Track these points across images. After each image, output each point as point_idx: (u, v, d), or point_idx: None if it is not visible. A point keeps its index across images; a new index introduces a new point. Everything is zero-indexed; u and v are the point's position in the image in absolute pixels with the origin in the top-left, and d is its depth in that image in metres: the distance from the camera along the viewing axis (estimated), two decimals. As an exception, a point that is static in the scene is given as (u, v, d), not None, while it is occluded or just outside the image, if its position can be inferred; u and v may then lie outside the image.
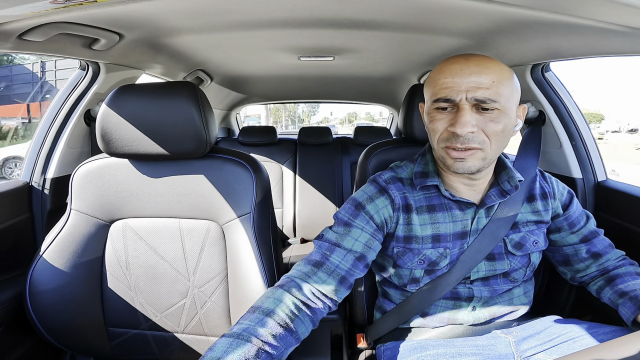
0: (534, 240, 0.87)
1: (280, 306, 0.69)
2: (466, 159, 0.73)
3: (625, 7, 0.64)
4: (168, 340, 0.98)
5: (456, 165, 0.74)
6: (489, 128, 0.72)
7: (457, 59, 0.74)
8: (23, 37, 0.90)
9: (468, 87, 0.70)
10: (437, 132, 0.75)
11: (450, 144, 0.73)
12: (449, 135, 0.73)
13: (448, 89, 0.72)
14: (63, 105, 1.30)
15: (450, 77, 0.72)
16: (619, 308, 0.80)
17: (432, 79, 0.76)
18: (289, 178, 2.40)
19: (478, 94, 0.70)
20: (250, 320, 0.65)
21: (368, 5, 0.98)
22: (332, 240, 0.81)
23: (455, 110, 0.72)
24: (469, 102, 0.71)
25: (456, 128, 0.71)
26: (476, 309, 0.88)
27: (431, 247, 0.84)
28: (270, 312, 0.67)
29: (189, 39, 1.33)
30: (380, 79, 2.29)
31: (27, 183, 1.25)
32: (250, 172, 0.94)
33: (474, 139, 0.72)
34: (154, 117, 0.89)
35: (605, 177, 1.26)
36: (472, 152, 0.73)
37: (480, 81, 0.70)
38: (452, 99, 0.71)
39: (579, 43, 0.92)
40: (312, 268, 0.77)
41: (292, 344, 0.67)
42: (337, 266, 0.78)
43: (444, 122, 0.74)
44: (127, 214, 0.97)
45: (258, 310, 0.67)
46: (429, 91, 0.77)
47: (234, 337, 0.61)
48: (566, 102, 1.27)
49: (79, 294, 0.96)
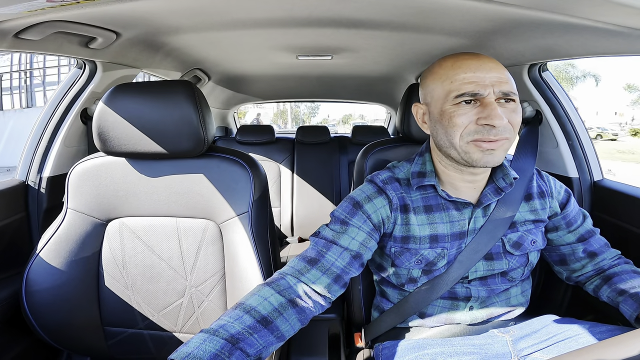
0: (532, 239, 0.87)
1: (262, 303, 0.68)
2: (496, 150, 0.74)
3: (622, 7, 0.64)
4: (165, 339, 0.98)
5: (486, 159, 0.74)
6: (513, 119, 0.74)
7: (464, 56, 0.75)
8: (19, 35, 0.90)
9: (493, 82, 0.72)
10: (461, 127, 0.74)
11: (482, 137, 0.72)
12: (477, 128, 0.73)
13: (473, 84, 0.72)
14: (59, 103, 1.29)
15: (472, 72, 0.72)
16: (619, 306, 0.80)
17: (446, 75, 0.75)
18: (286, 177, 2.39)
19: (503, 87, 0.72)
20: (229, 317, 0.65)
21: (366, 5, 0.98)
22: (328, 238, 0.81)
23: (478, 104, 0.73)
24: (496, 96, 0.72)
25: (493, 120, 0.70)
26: (474, 309, 0.88)
27: (429, 247, 0.84)
28: (251, 310, 0.67)
29: (187, 38, 1.33)
30: (378, 78, 2.29)
31: (23, 182, 1.24)
32: (247, 171, 0.94)
33: (505, 130, 0.73)
34: (151, 116, 0.89)
35: (601, 176, 1.27)
36: (502, 143, 0.74)
37: (499, 76, 0.72)
38: (480, 92, 0.72)
39: (576, 43, 0.93)
40: (306, 265, 0.77)
41: (272, 342, 0.66)
42: (332, 264, 0.78)
43: (469, 115, 0.73)
44: (124, 213, 0.97)
45: (240, 307, 0.67)
46: (443, 87, 0.76)
47: (210, 334, 0.61)
48: (563, 101, 1.27)
49: (76, 293, 0.95)
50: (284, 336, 0.69)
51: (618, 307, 0.80)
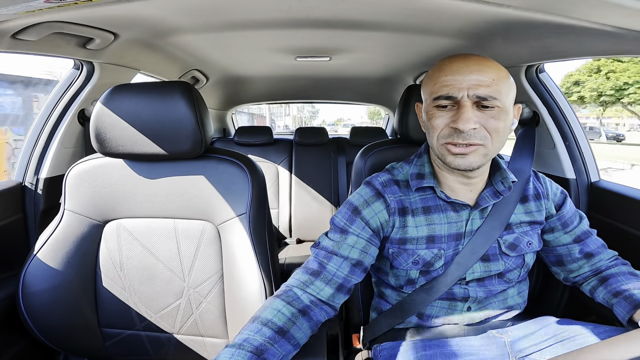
0: (528, 241, 0.87)
1: (277, 315, 0.72)
2: (468, 154, 0.74)
3: (618, 8, 0.65)
4: (163, 340, 0.98)
5: (457, 162, 0.75)
6: (491, 125, 0.73)
7: (456, 58, 0.75)
8: (17, 36, 0.90)
9: (469, 85, 0.71)
10: (437, 129, 0.76)
11: (452, 140, 0.74)
12: (450, 132, 0.74)
13: (449, 87, 0.73)
14: (57, 104, 1.29)
15: (451, 75, 0.73)
16: (613, 307, 0.80)
17: (431, 77, 0.77)
18: (284, 178, 2.39)
19: (479, 91, 0.71)
20: (250, 331, 0.68)
21: (364, 6, 0.98)
22: (328, 249, 0.82)
23: (456, 107, 0.73)
24: (471, 100, 0.72)
25: (458, 124, 0.71)
26: (472, 310, 0.88)
27: (425, 247, 0.84)
28: (268, 322, 0.70)
29: (185, 39, 1.33)
30: (377, 79, 2.30)
31: (20, 183, 1.24)
32: (246, 172, 0.94)
33: (475, 135, 0.73)
34: (149, 117, 0.88)
35: (598, 177, 1.27)
36: (475, 148, 0.73)
37: (480, 79, 0.71)
38: (453, 95, 0.72)
39: (573, 44, 0.93)
40: (310, 277, 0.80)
41: (290, 351, 0.70)
42: (334, 274, 0.80)
43: (444, 119, 0.75)
44: (122, 215, 0.97)
45: (257, 321, 0.71)
46: (427, 89, 0.78)
47: (236, 348, 0.64)
48: (560, 103, 1.28)
49: (73, 294, 0.95)
50: (299, 344, 0.72)
51: (612, 309, 0.81)
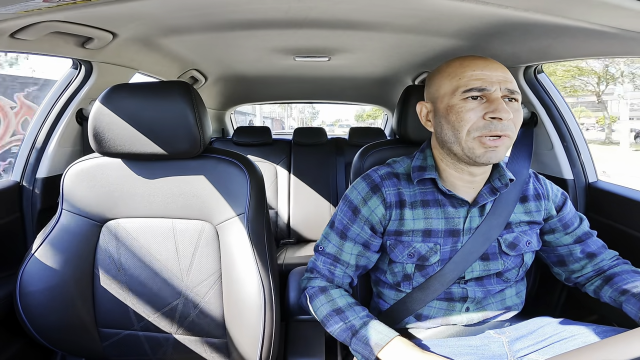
0: (527, 240, 0.88)
1: (344, 296, 0.86)
2: (499, 147, 0.76)
3: (615, 8, 0.65)
4: (161, 341, 0.97)
5: (488, 155, 0.76)
6: (516, 117, 0.77)
7: (473, 57, 0.80)
8: (15, 36, 0.89)
9: (499, 79, 0.75)
10: (469, 122, 0.76)
11: (489, 132, 0.74)
12: (485, 123, 0.75)
13: (480, 80, 0.75)
14: (55, 104, 1.28)
15: (479, 70, 0.76)
16: (622, 305, 0.80)
17: (454, 73, 0.79)
18: (283, 178, 2.39)
19: (509, 85, 0.76)
20: (347, 312, 0.83)
21: (363, 7, 0.98)
22: (331, 255, 0.90)
23: (485, 100, 0.76)
24: (502, 93, 0.75)
25: (501, 113, 0.73)
26: (470, 310, 0.89)
27: (421, 240, 0.85)
28: (349, 303, 0.85)
29: (183, 39, 1.33)
30: (376, 79, 2.30)
31: (17, 183, 1.23)
32: (244, 173, 0.94)
33: (509, 126, 0.75)
34: (147, 117, 0.88)
35: (595, 178, 1.28)
36: (504, 141, 0.76)
37: (505, 75, 0.76)
38: (487, 88, 0.75)
39: (571, 45, 0.94)
40: (328, 284, 0.90)
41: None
42: (342, 278, 0.90)
43: (476, 111, 0.76)
44: (120, 214, 0.96)
45: (340, 310, 0.83)
46: (452, 83, 0.79)
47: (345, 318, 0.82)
48: (558, 103, 1.28)
49: (70, 294, 0.95)
50: None
51: (621, 307, 0.81)
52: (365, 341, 0.76)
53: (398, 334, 0.76)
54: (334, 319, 0.82)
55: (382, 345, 0.74)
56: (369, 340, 0.76)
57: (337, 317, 0.82)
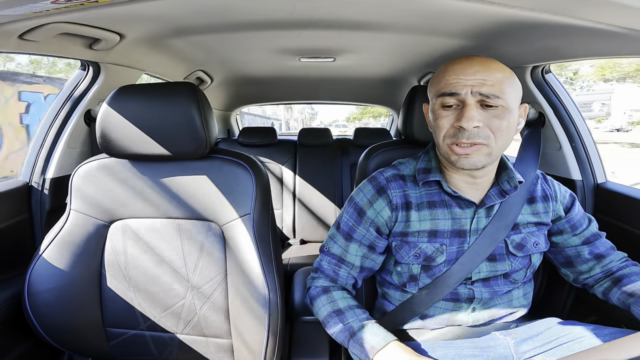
0: (535, 241, 0.87)
1: (341, 300, 0.86)
2: (471, 154, 0.75)
3: (624, 8, 0.64)
4: (167, 340, 0.98)
5: (461, 162, 0.76)
6: (494, 124, 0.74)
7: (460, 59, 0.77)
8: (24, 37, 0.90)
9: (473, 83, 0.73)
10: (443, 129, 0.77)
11: (456, 140, 0.75)
12: (454, 132, 0.75)
13: (453, 85, 0.74)
14: (63, 105, 1.30)
15: (455, 75, 0.75)
16: (631, 307, 0.80)
17: (437, 78, 0.79)
18: (288, 179, 2.39)
19: (483, 89, 0.72)
20: (347, 314, 0.83)
21: (368, 7, 0.98)
22: (336, 256, 0.90)
23: (461, 107, 0.75)
24: (474, 97, 0.73)
25: (462, 122, 0.73)
26: (476, 310, 0.88)
27: (427, 241, 0.84)
28: (350, 305, 0.85)
29: (190, 40, 1.33)
30: (381, 80, 2.29)
31: (26, 183, 1.25)
32: (250, 173, 0.94)
33: (479, 134, 0.74)
34: (154, 118, 0.89)
35: (604, 179, 1.26)
36: (478, 148, 0.74)
37: (484, 78, 0.73)
38: (457, 92, 0.74)
39: (578, 44, 0.93)
40: (330, 283, 0.91)
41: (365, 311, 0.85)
42: (346, 278, 0.90)
43: (449, 118, 0.76)
44: (127, 215, 0.97)
45: (340, 312, 0.84)
46: (433, 89, 0.80)
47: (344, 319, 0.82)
48: (566, 103, 1.27)
49: (78, 294, 0.96)
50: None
51: (629, 309, 0.80)
52: (361, 343, 0.76)
53: (395, 338, 0.76)
54: (333, 320, 0.83)
55: (378, 349, 0.74)
56: (366, 343, 0.76)
57: (337, 318, 0.82)
